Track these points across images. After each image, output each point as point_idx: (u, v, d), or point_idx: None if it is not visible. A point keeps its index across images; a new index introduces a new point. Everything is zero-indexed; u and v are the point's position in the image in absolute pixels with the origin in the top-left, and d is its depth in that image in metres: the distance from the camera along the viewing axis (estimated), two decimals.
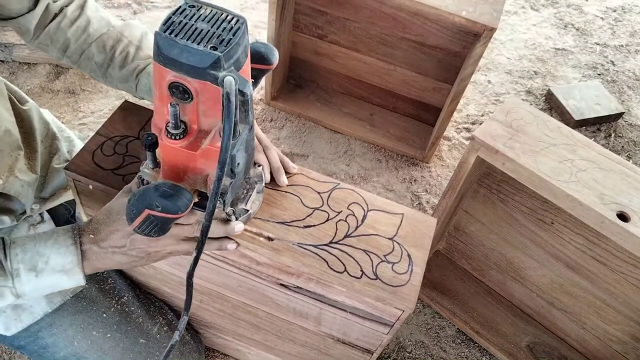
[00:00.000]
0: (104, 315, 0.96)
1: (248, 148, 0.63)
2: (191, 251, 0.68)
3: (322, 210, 0.81)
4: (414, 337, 1.35)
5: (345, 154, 1.71)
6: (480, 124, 1.52)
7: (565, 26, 2.37)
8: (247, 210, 0.73)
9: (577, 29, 2.36)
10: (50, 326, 0.93)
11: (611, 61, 2.24)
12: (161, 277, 0.98)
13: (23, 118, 0.93)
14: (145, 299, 1.04)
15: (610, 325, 1.22)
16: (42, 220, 0.97)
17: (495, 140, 1.00)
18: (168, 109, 0.53)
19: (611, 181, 0.98)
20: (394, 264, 0.76)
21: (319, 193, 0.83)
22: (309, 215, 0.80)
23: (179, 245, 0.68)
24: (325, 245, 0.77)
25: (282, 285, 0.82)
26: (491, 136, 1.01)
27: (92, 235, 0.68)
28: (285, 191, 0.82)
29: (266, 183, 0.80)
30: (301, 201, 0.81)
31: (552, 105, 2.00)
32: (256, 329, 1.02)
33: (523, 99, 2.01)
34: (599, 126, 1.96)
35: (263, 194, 0.78)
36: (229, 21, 0.51)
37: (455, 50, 1.56)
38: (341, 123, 1.75)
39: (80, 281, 0.69)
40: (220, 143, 0.50)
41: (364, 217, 0.81)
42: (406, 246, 0.79)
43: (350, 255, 0.76)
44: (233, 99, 0.48)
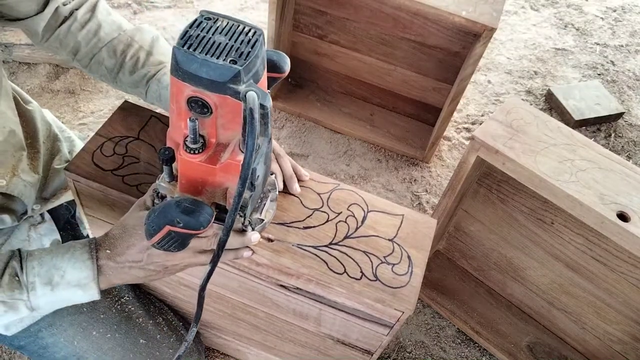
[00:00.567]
0: (104, 315, 0.96)
1: (267, 160, 0.62)
2: (208, 262, 0.68)
3: (322, 211, 0.81)
4: (414, 337, 1.35)
5: (345, 154, 1.71)
6: (480, 124, 1.52)
7: (565, 26, 2.37)
8: (262, 219, 0.72)
9: (577, 29, 2.36)
10: (50, 326, 0.93)
11: (611, 61, 2.24)
12: None
13: (27, 118, 0.93)
14: (145, 299, 1.04)
15: (610, 325, 1.22)
16: (43, 220, 0.97)
17: (495, 140, 1.00)
18: (186, 123, 0.53)
19: (611, 181, 0.98)
20: (393, 265, 0.76)
21: (319, 194, 0.83)
22: (308, 216, 0.80)
23: (196, 257, 0.68)
24: (325, 246, 0.77)
25: (282, 286, 0.82)
26: (491, 136, 1.01)
27: (109, 250, 0.67)
28: (285, 192, 0.82)
29: (279, 191, 0.80)
30: (301, 202, 0.81)
31: (552, 105, 1.99)
32: (256, 329, 1.02)
33: (523, 99, 2.01)
34: (599, 126, 1.96)
35: (276, 202, 0.77)
36: (246, 33, 0.51)
37: (455, 50, 1.56)
38: (341, 123, 1.75)
39: (95, 296, 0.69)
40: (243, 159, 0.49)
41: (364, 218, 0.81)
42: (406, 247, 0.79)
43: (350, 257, 0.76)
44: (257, 115, 0.48)
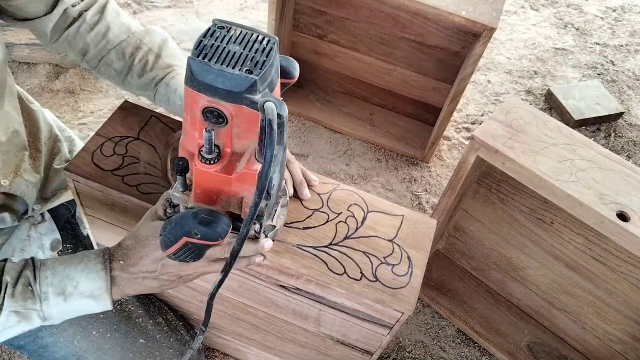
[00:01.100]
0: (104, 315, 0.96)
1: (282, 168, 0.62)
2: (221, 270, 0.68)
3: (322, 212, 0.81)
4: (414, 337, 1.35)
5: (345, 154, 1.71)
6: (480, 124, 1.52)
7: (565, 26, 2.37)
8: (275, 226, 0.72)
9: (577, 29, 2.36)
10: (50, 326, 0.93)
11: (611, 61, 2.24)
12: None
13: (31, 118, 0.93)
14: (145, 299, 1.04)
15: (610, 325, 1.22)
16: (43, 220, 0.97)
17: (495, 140, 1.00)
18: (201, 133, 0.52)
19: (611, 181, 0.98)
20: (394, 266, 0.76)
21: (319, 194, 0.83)
22: (309, 217, 0.80)
23: (210, 266, 0.68)
24: (325, 247, 0.77)
25: (282, 286, 0.82)
26: (491, 136, 1.01)
27: (122, 261, 0.67)
28: (295, 197, 0.82)
29: (290, 197, 0.80)
30: (301, 203, 0.81)
31: (552, 105, 1.99)
32: (256, 329, 1.02)
33: (523, 99, 2.00)
34: (599, 126, 1.96)
35: (287, 208, 0.77)
36: (260, 42, 0.50)
37: (455, 50, 1.56)
38: (341, 123, 1.75)
39: (108, 307, 0.69)
40: (261, 169, 0.49)
41: (364, 219, 0.81)
42: (406, 248, 0.79)
43: (350, 257, 0.76)
44: (275, 126, 0.48)
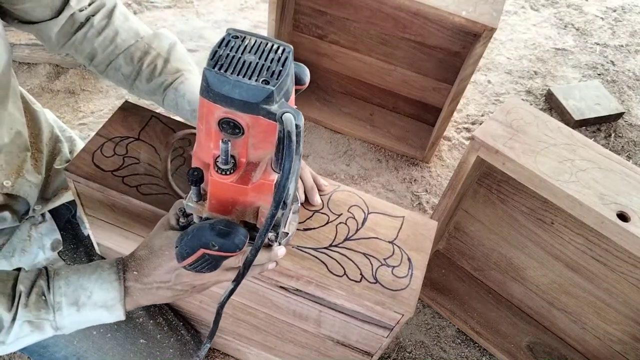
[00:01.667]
0: None
1: (297, 176, 0.62)
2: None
3: (322, 213, 0.81)
4: (414, 337, 1.35)
5: (345, 154, 1.71)
6: (480, 124, 1.51)
7: (565, 26, 2.36)
8: (287, 232, 0.72)
9: (577, 29, 2.36)
10: None
11: (611, 61, 2.24)
12: None
13: (33, 119, 0.93)
14: None
15: (610, 325, 1.22)
16: (44, 220, 0.97)
17: (495, 140, 1.00)
18: (216, 144, 0.52)
19: (611, 181, 0.98)
20: (394, 267, 0.76)
21: (319, 195, 0.83)
22: (308, 218, 0.80)
23: (224, 275, 0.67)
24: (325, 248, 0.77)
25: (282, 287, 0.82)
26: (491, 136, 1.01)
27: (136, 272, 0.67)
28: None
29: (301, 203, 0.80)
30: (301, 203, 0.81)
31: (552, 105, 1.99)
32: (256, 329, 1.02)
33: (523, 99, 2.00)
34: (599, 126, 1.96)
35: (298, 214, 0.77)
36: (275, 51, 0.50)
37: (455, 50, 1.56)
38: (341, 123, 1.75)
39: (121, 317, 0.68)
40: (279, 180, 0.49)
41: (364, 220, 0.81)
42: (406, 250, 0.78)
43: (350, 259, 0.76)
44: (294, 138, 0.47)
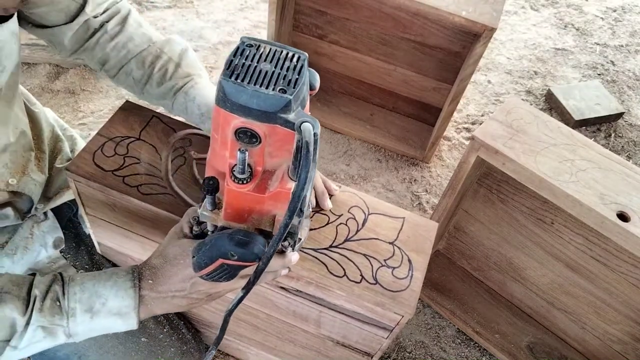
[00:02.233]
0: None
1: (312, 184, 0.62)
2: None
3: (323, 214, 0.81)
4: (414, 337, 1.35)
5: (345, 154, 1.71)
6: (480, 124, 1.52)
7: (565, 26, 2.37)
8: (300, 238, 0.71)
9: (577, 29, 2.36)
10: None
11: (611, 61, 2.24)
12: None
13: (34, 119, 0.93)
14: None
15: (610, 325, 1.22)
16: (46, 218, 0.97)
17: (495, 140, 1.00)
18: (232, 153, 0.52)
19: (611, 181, 0.98)
20: (394, 268, 0.76)
21: None
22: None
23: (239, 282, 0.67)
24: (325, 249, 0.77)
25: (282, 288, 0.82)
26: (491, 136, 1.01)
27: (151, 280, 0.66)
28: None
29: (313, 208, 0.80)
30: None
31: (552, 105, 1.99)
32: (256, 329, 1.02)
33: (523, 99, 2.00)
34: (599, 126, 1.96)
35: (309, 220, 0.77)
36: (290, 59, 0.50)
37: (455, 50, 1.56)
38: (341, 123, 1.75)
39: (134, 325, 0.68)
40: (295, 189, 0.48)
41: (365, 221, 0.81)
42: (407, 251, 0.78)
43: (350, 260, 0.76)
44: (311, 148, 0.47)
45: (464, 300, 1.38)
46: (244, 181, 0.54)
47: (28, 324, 0.64)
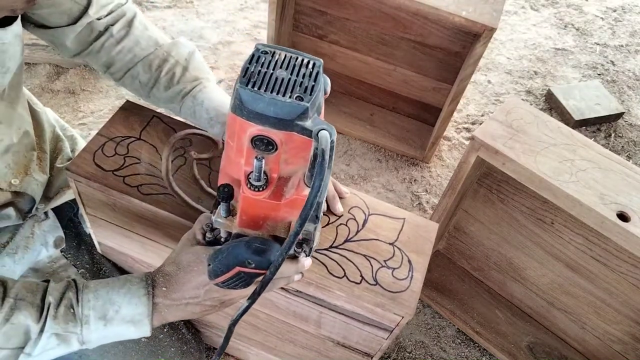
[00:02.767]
0: None
1: (326, 191, 0.61)
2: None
3: (323, 214, 0.80)
4: (414, 337, 1.35)
5: (345, 154, 1.71)
6: (480, 124, 1.52)
7: (565, 26, 2.37)
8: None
9: (577, 29, 2.36)
10: None
11: (611, 61, 2.24)
12: None
13: (36, 119, 0.93)
14: None
15: (610, 325, 1.22)
16: (47, 218, 0.97)
17: (495, 140, 1.00)
18: (248, 160, 0.52)
19: (611, 181, 0.98)
20: (394, 269, 0.76)
21: None
22: None
23: (251, 289, 0.66)
24: (325, 249, 0.77)
25: (282, 288, 0.82)
26: (491, 136, 1.01)
27: (164, 288, 0.66)
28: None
29: (324, 212, 0.79)
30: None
31: (552, 105, 1.99)
32: (257, 330, 1.02)
33: (523, 99, 2.01)
34: (599, 126, 1.96)
35: (321, 224, 0.76)
36: (306, 66, 0.50)
37: (455, 50, 1.56)
38: (341, 123, 1.75)
39: (147, 332, 0.68)
40: (308, 197, 0.48)
41: (365, 222, 0.81)
42: (407, 252, 0.78)
43: (350, 260, 0.76)
44: (327, 156, 0.46)
45: (464, 300, 1.38)
46: (260, 188, 0.53)
47: (42, 331, 0.64)
